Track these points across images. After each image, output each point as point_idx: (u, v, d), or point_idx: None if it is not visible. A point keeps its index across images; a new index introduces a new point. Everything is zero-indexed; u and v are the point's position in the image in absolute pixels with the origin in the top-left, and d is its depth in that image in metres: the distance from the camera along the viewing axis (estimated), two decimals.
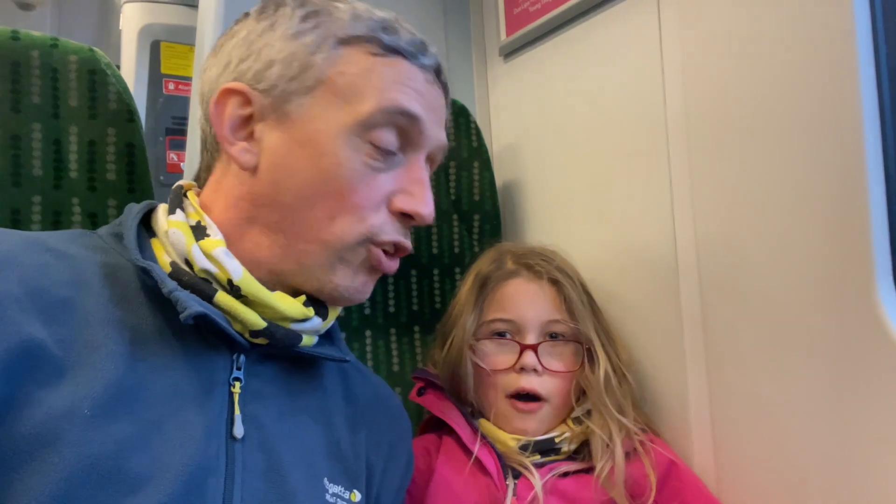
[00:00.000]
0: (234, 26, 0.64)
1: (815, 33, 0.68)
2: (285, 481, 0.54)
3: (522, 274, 0.85)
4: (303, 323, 0.59)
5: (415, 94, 0.59)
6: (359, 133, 0.57)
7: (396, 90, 0.58)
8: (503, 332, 0.83)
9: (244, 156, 0.58)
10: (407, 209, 0.59)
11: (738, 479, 0.78)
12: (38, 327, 0.47)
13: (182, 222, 0.58)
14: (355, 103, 0.57)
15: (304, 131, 0.57)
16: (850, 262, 0.66)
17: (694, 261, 0.81)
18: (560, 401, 0.82)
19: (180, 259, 0.56)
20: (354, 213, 0.57)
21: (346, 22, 0.59)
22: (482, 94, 1.19)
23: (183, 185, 0.64)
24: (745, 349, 0.76)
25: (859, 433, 0.66)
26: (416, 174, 0.60)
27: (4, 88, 0.68)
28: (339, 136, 0.57)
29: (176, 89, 1.72)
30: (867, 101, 0.65)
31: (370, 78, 0.58)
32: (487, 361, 0.82)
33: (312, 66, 0.58)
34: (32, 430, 0.44)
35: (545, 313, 0.83)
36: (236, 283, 0.55)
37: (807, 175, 0.69)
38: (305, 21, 0.59)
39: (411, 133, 0.60)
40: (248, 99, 0.58)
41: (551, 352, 0.82)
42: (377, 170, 0.58)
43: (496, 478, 0.76)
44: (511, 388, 0.81)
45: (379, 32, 0.59)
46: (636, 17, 0.88)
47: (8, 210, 0.68)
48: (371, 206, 0.58)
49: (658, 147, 0.85)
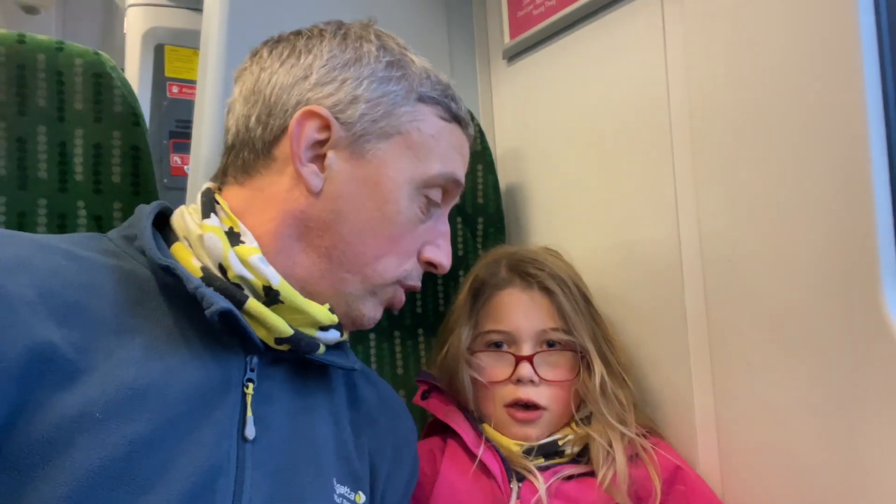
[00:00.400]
0: (308, 41, 0.64)
1: (819, 33, 0.68)
2: (294, 482, 0.54)
3: (515, 283, 0.85)
4: (324, 333, 0.60)
5: (463, 161, 0.68)
6: (420, 188, 0.63)
7: (456, 160, 0.67)
8: (499, 342, 0.83)
9: (313, 178, 0.60)
10: (434, 260, 0.66)
11: (743, 480, 0.78)
12: (51, 330, 0.47)
13: (217, 227, 0.58)
14: (424, 161, 0.63)
15: (376, 173, 0.61)
16: (855, 262, 0.66)
17: (698, 262, 0.81)
18: (559, 408, 0.82)
19: (214, 265, 0.56)
20: (398, 256, 0.63)
21: (423, 80, 0.65)
22: (486, 97, 1.19)
23: (212, 188, 0.64)
24: (749, 350, 0.76)
25: (865, 435, 0.66)
26: (444, 228, 0.68)
27: (10, 92, 0.68)
28: (404, 186, 0.62)
29: (180, 93, 1.72)
30: (871, 100, 0.65)
31: (439, 142, 0.65)
32: (484, 374, 0.82)
33: (394, 115, 0.62)
34: (45, 436, 0.44)
35: (539, 323, 0.82)
36: (275, 287, 0.57)
37: (811, 175, 0.69)
38: (391, 69, 0.63)
39: (453, 194, 0.68)
40: (328, 125, 0.61)
41: (548, 361, 0.82)
42: (421, 221, 0.65)
43: (500, 481, 0.76)
44: (508, 398, 0.81)
45: (447, 100, 0.66)
46: (640, 20, 0.88)
47: (14, 213, 0.68)
48: (410, 253, 0.65)
49: (662, 149, 0.85)
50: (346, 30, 0.65)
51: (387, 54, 0.64)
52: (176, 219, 0.61)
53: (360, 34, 0.65)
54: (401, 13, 0.63)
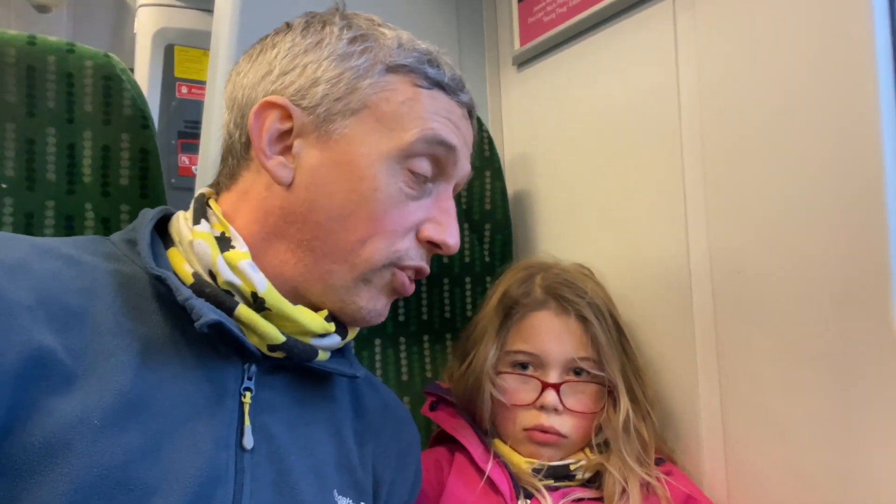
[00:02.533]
0: (275, 36, 0.63)
1: (833, 42, 0.67)
2: (295, 493, 0.54)
3: (550, 306, 0.82)
4: (322, 339, 0.59)
5: (453, 126, 0.62)
6: (398, 160, 0.59)
7: (438, 121, 0.60)
8: (525, 363, 0.82)
9: (281, 171, 0.59)
10: (435, 238, 0.61)
11: (750, 495, 0.77)
12: (49, 336, 0.47)
13: (207, 233, 0.58)
14: (398, 131, 0.59)
15: (346, 153, 0.58)
16: (866, 276, 0.65)
17: (707, 274, 0.81)
18: (579, 437, 0.80)
19: (204, 270, 0.56)
20: (385, 237, 0.59)
21: (392, 49, 0.60)
22: (495, 103, 1.19)
23: (205, 194, 0.64)
24: (758, 364, 0.75)
25: (873, 449, 0.65)
26: (445, 204, 0.62)
27: (20, 93, 0.68)
28: (379, 161, 0.58)
29: (189, 93, 1.73)
30: (886, 112, 0.64)
31: (413, 107, 0.60)
32: (507, 396, 0.80)
33: (359, 89, 0.59)
34: (42, 440, 0.44)
35: (570, 351, 0.80)
36: (261, 294, 0.55)
37: (823, 187, 0.68)
38: (353, 44, 0.60)
39: (446, 164, 0.62)
40: (289, 114, 0.59)
41: (574, 389, 0.80)
42: (410, 197, 0.60)
43: (508, 498, 0.75)
44: (530, 424, 0.79)
45: (424, 65, 0.61)
46: (652, 27, 0.88)
47: (21, 214, 0.68)
48: (401, 232, 0.59)
49: (672, 158, 0.85)
50: (312, 17, 0.63)
51: (350, 31, 0.61)
52: (173, 223, 0.61)
53: (325, 18, 0.63)
54: (411, 19, 0.63)
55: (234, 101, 0.63)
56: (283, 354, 0.57)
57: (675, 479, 0.78)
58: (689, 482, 0.80)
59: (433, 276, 1.00)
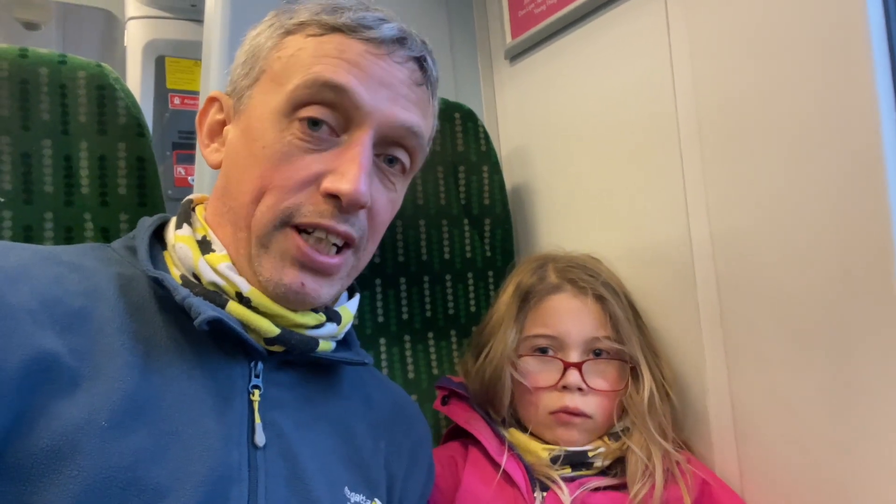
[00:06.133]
0: (240, 46, 0.65)
1: (827, 27, 0.67)
2: (309, 489, 0.54)
3: (566, 289, 0.83)
4: (318, 329, 0.59)
5: (346, 65, 0.55)
6: (286, 113, 0.56)
7: (323, 63, 0.55)
8: (545, 347, 0.81)
9: (212, 156, 0.62)
10: (330, 188, 0.54)
11: (761, 474, 0.77)
12: (53, 339, 0.47)
13: (188, 237, 0.59)
14: (285, 83, 0.56)
15: (247, 120, 0.59)
16: (868, 256, 0.65)
17: (710, 259, 0.81)
18: (603, 418, 0.80)
19: (188, 273, 0.57)
20: (274, 193, 0.55)
21: (293, 14, 0.59)
22: (489, 98, 1.19)
23: (193, 200, 0.64)
24: (764, 346, 0.75)
25: (882, 430, 0.65)
26: (352, 152, 0.55)
27: (14, 106, 0.68)
28: (268, 118, 0.56)
29: (182, 104, 1.73)
30: (883, 91, 0.64)
31: (300, 57, 0.56)
32: (529, 379, 0.80)
33: (259, 59, 0.60)
34: (50, 443, 0.44)
35: (590, 330, 0.80)
36: (245, 294, 0.55)
37: (822, 169, 0.68)
38: (269, 27, 0.61)
39: (346, 108, 0.55)
40: (221, 104, 0.63)
41: (595, 370, 0.80)
42: (306, 150, 0.55)
43: (524, 490, 0.75)
44: (554, 406, 0.79)
45: (320, 15, 0.57)
46: (644, 15, 0.88)
47: (20, 227, 0.68)
48: (292, 187, 0.55)
49: (670, 145, 0.84)
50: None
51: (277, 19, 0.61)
52: (166, 229, 0.62)
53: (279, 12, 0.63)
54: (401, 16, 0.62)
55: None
56: (283, 348, 0.57)
57: (692, 465, 0.78)
58: (705, 468, 0.79)
59: (435, 272, 1.00)
